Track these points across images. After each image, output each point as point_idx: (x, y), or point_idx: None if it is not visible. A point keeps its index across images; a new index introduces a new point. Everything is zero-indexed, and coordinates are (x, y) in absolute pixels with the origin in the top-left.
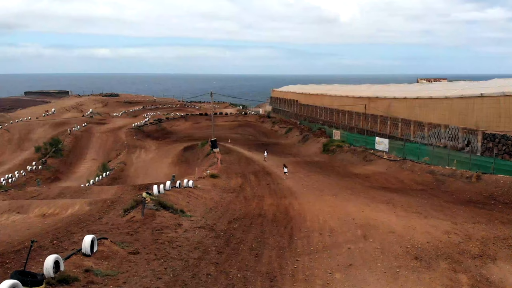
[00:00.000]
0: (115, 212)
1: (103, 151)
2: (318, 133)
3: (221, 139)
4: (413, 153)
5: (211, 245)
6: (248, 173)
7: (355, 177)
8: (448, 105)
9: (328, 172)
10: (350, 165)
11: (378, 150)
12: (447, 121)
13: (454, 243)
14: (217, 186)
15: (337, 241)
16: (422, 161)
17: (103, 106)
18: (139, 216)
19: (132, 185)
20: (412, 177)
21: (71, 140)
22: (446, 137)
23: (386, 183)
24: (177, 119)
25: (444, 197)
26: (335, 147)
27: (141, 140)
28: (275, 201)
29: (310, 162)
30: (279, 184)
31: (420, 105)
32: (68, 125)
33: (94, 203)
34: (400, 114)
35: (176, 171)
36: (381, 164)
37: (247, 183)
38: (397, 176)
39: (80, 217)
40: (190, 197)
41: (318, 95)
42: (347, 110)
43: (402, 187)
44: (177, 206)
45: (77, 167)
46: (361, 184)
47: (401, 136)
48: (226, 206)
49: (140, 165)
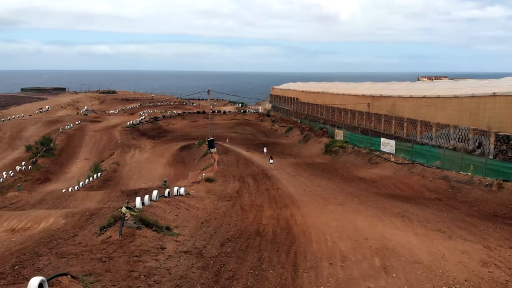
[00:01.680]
0: (91, 229)
1: (96, 151)
2: (320, 133)
3: (219, 138)
4: (422, 156)
5: (196, 282)
6: (246, 175)
7: (360, 182)
8: (457, 104)
9: (331, 175)
10: (354, 167)
11: (383, 152)
12: (456, 121)
13: (499, 281)
14: (212, 192)
15: (352, 276)
16: (433, 165)
17: (100, 103)
18: (117, 236)
19: (120, 191)
20: (423, 183)
21: (63, 139)
22: (456, 138)
23: (395, 190)
24: (174, 117)
25: (464, 209)
26: (337, 148)
27: (136, 139)
28: (275, 212)
29: (312, 164)
30: (279, 190)
31: (427, 104)
32: (61, 123)
33: (71, 216)
34: (405, 113)
35: (171, 172)
36: (388, 167)
37: (245, 188)
38: (406, 182)
39: (52, 233)
40: (180, 208)
41: (319, 93)
42: (350, 109)
43: (414, 194)
44: (162, 222)
45: (68, 167)
46: (368, 190)
47: (406, 136)
48: (220, 219)
49: (134, 166)
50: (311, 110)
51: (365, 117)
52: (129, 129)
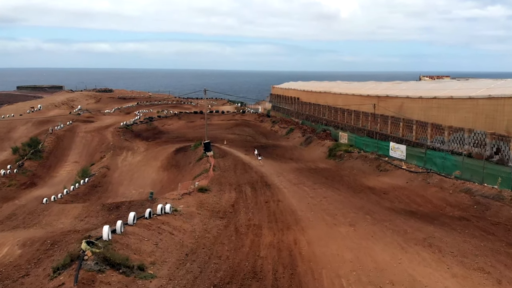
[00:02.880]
0: (47, 266)
1: (87, 153)
2: (323, 135)
3: (217, 140)
4: (437, 163)
5: None
6: (244, 183)
7: (370, 193)
8: (472, 106)
9: (336, 183)
10: (361, 175)
11: (393, 158)
12: (471, 124)
13: None
14: (204, 206)
15: None
16: (453, 174)
17: (96, 102)
18: (71, 283)
19: (101, 205)
20: (443, 197)
21: (52, 141)
22: (471, 143)
23: (412, 204)
24: (169, 118)
25: (501, 234)
26: (342, 152)
27: (129, 141)
28: (276, 236)
29: (315, 170)
30: (280, 203)
31: (438, 105)
32: (53, 123)
33: (29, 244)
34: (414, 115)
35: (164, 177)
36: (399, 176)
37: (241, 199)
38: (422, 194)
39: (2, 270)
40: (162, 233)
41: (321, 93)
42: (353, 110)
43: (434, 211)
44: (135, 258)
45: (56, 171)
46: (380, 204)
47: (416, 140)
48: (209, 248)
49: (126, 170)
50: (312, 110)
51: (370, 119)
52: (122, 130)
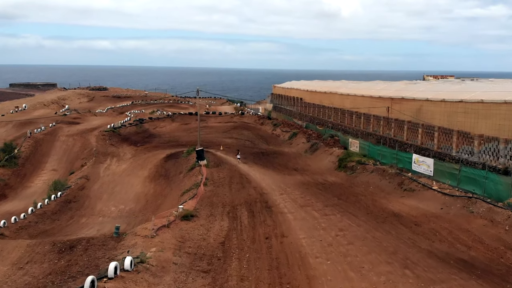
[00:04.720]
0: None
1: (67, 160)
2: (330, 142)
3: (212, 145)
4: (476, 183)
5: None
6: (240, 204)
7: (397, 223)
8: (508, 112)
9: (352, 206)
10: (380, 194)
11: (417, 173)
12: (507, 133)
13: None
14: (184, 248)
15: None
16: (505, 202)
17: (89, 101)
18: None
19: (51, 243)
20: (497, 234)
21: (29, 145)
22: (507, 155)
23: (457, 244)
24: (162, 119)
25: None
26: (354, 164)
27: (115, 146)
28: None
29: (324, 185)
30: (284, 239)
31: (465, 110)
32: (35, 124)
33: None
34: (434, 120)
35: (150, 190)
36: (430, 198)
37: (235, 233)
38: (467, 228)
39: None
40: None
41: (326, 93)
42: (363, 113)
43: (493, 260)
44: None
45: (31, 181)
46: (416, 243)
47: (437, 149)
48: None
49: (108, 180)
50: (317, 112)
51: (383, 123)
52: (108, 134)
